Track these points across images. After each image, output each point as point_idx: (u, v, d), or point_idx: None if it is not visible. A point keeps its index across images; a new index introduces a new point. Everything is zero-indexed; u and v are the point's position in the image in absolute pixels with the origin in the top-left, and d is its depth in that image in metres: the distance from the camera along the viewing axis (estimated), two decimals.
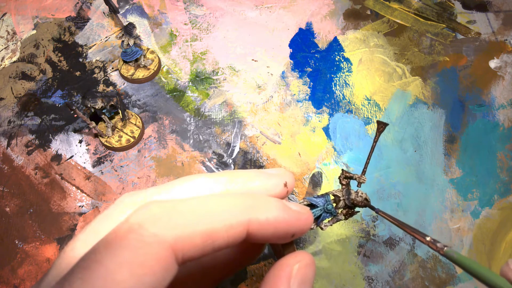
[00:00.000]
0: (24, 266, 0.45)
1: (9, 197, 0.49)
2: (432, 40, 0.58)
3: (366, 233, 0.46)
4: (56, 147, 0.52)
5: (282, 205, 0.18)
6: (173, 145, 0.52)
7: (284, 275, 0.18)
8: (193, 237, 0.15)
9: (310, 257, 0.20)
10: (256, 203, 0.17)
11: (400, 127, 0.52)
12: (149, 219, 0.15)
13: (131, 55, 0.53)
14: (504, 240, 0.46)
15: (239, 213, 0.16)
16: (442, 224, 0.47)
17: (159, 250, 0.14)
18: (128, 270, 0.14)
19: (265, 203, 0.17)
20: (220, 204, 0.16)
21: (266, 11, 0.61)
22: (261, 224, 0.17)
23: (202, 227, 0.16)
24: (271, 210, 0.17)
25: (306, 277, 0.19)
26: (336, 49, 0.58)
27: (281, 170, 0.21)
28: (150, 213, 0.15)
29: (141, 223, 0.15)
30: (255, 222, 0.17)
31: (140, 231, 0.15)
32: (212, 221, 0.16)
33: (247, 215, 0.17)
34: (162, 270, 0.14)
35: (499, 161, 0.50)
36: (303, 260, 0.19)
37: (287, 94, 0.55)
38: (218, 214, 0.16)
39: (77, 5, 0.61)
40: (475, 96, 0.54)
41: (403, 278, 0.45)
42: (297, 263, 0.19)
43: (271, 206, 0.17)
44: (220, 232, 0.16)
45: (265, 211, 0.17)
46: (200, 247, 0.16)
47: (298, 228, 0.18)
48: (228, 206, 0.17)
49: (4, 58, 0.58)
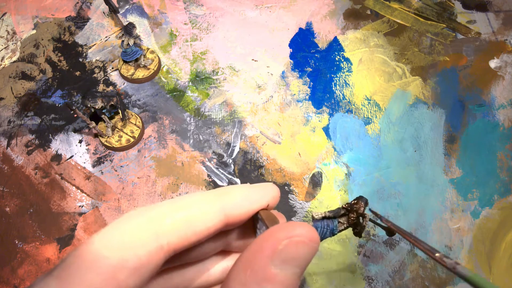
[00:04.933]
0: (24, 266, 0.45)
1: (9, 197, 0.49)
2: (432, 40, 0.58)
3: (366, 233, 0.46)
4: (56, 147, 0.52)
5: (248, 185, 0.19)
6: (173, 145, 0.52)
7: (266, 247, 0.15)
8: (173, 224, 0.16)
9: (309, 233, 0.16)
10: (226, 190, 0.19)
11: (400, 127, 0.52)
12: (125, 218, 0.16)
13: (131, 55, 0.53)
14: (504, 240, 0.46)
15: (213, 197, 0.18)
16: (442, 224, 0.47)
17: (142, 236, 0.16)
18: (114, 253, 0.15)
19: (234, 187, 0.19)
20: (194, 196, 0.18)
21: (266, 11, 0.61)
22: (234, 204, 0.18)
23: (180, 214, 0.17)
24: (239, 190, 0.19)
25: (297, 256, 0.15)
26: (336, 49, 0.58)
27: (267, 187, 0.20)
28: (126, 215, 0.17)
29: (118, 222, 0.16)
30: (228, 202, 0.18)
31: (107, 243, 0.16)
32: (189, 207, 0.17)
33: (220, 198, 0.18)
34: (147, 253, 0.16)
35: (499, 161, 0.50)
36: (295, 237, 0.15)
37: (287, 94, 0.54)
38: (194, 202, 0.18)
39: (77, 5, 0.61)
40: (475, 96, 0.54)
41: (403, 278, 0.45)
42: (287, 239, 0.15)
43: (239, 188, 0.19)
44: (198, 217, 0.17)
45: (235, 192, 0.19)
46: (183, 234, 0.17)
47: (268, 197, 0.19)
48: (202, 195, 0.18)
49: (4, 58, 0.58)
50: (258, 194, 0.19)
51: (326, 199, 0.49)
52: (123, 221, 0.16)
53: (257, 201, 0.19)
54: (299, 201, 0.48)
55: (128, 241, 0.16)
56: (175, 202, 0.18)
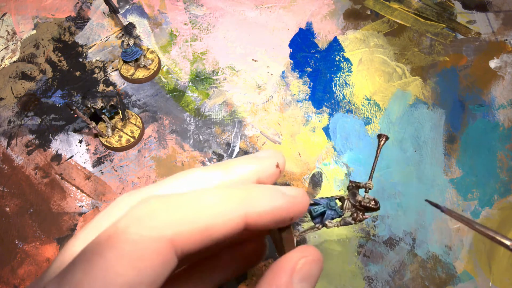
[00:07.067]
0: (24, 266, 0.45)
1: (9, 197, 0.49)
2: (432, 40, 0.58)
3: (366, 233, 0.46)
4: (56, 147, 0.52)
5: (277, 192, 0.18)
6: (173, 145, 0.52)
7: (287, 267, 0.18)
8: (191, 231, 0.15)
9: (317, 253, 0.19)
10: (251, 194, 0.17)
11: (400, 127, 0.52)
12: (148, 213, 0.15)
13: (131, 55, 0.53)
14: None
15: (236, 205, 0.17)
16: (442, 224, 0.47)
17: (158, 243, 0.15)
18: (128, 263, 0.14)
19: (260, 193, 0.17)
20: (217, 198, 0.17)
21: (266, 11, 0.61)
22: (259, 214, 0.17)
23: (200, 220, 0.16)
24: (266, 199, 0.17)
25: (311, 273, 0.18)
26: (336, 49, 0.58)
27: (271, 152, 0.21)
28: (149, 207, 0.16)
29: (140, 217, 0.15)
30: (252, 213, 0.17)
31: (139, 225, 0.15)
32: (210, 214, 0.16)
33: (243, 206, 0.17)
34: (162, 263, 0.15)
35: (499, 161, 0.50)
36: (310, 256, 0.19)
37: (287, 94, 0.55)
38: (215, 207, 0.16)
39: (77, 5, 0.61)
40: (475, 96, 0.54)
41: (403, 278, 0.45)
42: (303, 258, 0.18)
43: (266, 195, 0.17)
44: (218, 225, 0.16)
45: (261, 201, 0.17)
46: (199, 240, 0.16)
47: (295, 211, 0.18)
48: (225, 199, 0.17)
49: (4, 58, 0.58)
50: (285, 208, 0.18)
51: None
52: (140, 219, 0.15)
53: (283, 217, 0.18)
54: None
55: (141, 248, 0.14)
56: (197, 200, 0.16)
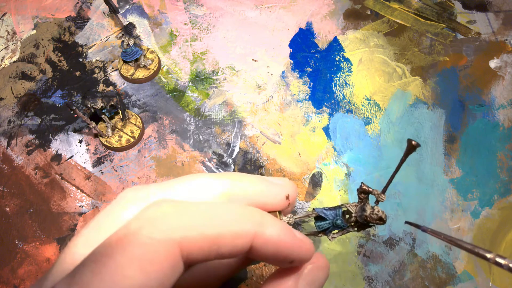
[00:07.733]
0: (24, 266, 0.45)
1: (9, 197, 0.49)
2: (432, 40, 0.58)
3: (366, 233, 0.46)
4: (56, 147, 0.52)
5: (287, 228, 0.18)
6: (173, 145, 0.52)
7: (294, 272, 0.18)
8: (200, 240, 0.15)
9: (324, 260, 0.19)
10: (263, 219, 0.17)
11: (400, 127, 0.52)
12: (160, 217, 0.15)
13: (131, 55, 0.53)
14: (504, 240, 0.46)
15: (247, 224, 0.16)
16: (442, 224, 0.47)
17: (168, 248, 0.15)
18: (138, 266, 0.14)
19: (272, 221, 0.17)
20: (229, 212, 0.16)
21: (266, 11, 0.61)
22: (266, 240, 0.17)
23: (210, 231, 0.16)
24: (276, 228, 0.17)
25: (317, 279, 0.18)
26: (336, 49, 0.58)
27: (285, 181, 0.20)
28: (161, 211, 0.15)
29: (152, 219, 0.15)
30: (260, 236, 0.16)
31: (150, 228, 0.15)
32: (220, 226, 0.16)
33: (254, 227, 0.16)
34: (171, 267, 0.15)
35: (499, 161, 0.50)
36: (317, 262, 0.19)
37: (287, 94, 0.55)
38: (226, 221, 0.16)
39: (77, 5, 0.61)
40: (475, 96, 0.54)
41: (403, 278, 0.45)
42: (310, 264, 0.19)
43: (277, 225, 0.17)
44: (227, 239, 0.16)
45: (271, 227, 0.17)
46: (206, 251, 0.16)
47: (298, 255, 0.18)
48: (237, 216, 0.16)
49: (4, 58, 0.58)
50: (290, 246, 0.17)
51: (326, 199, 0.49)
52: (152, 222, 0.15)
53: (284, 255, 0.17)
54: (299, 201, 0.48)
55: (151, 251, 0.14)
56: (211, 209, 0.16)
